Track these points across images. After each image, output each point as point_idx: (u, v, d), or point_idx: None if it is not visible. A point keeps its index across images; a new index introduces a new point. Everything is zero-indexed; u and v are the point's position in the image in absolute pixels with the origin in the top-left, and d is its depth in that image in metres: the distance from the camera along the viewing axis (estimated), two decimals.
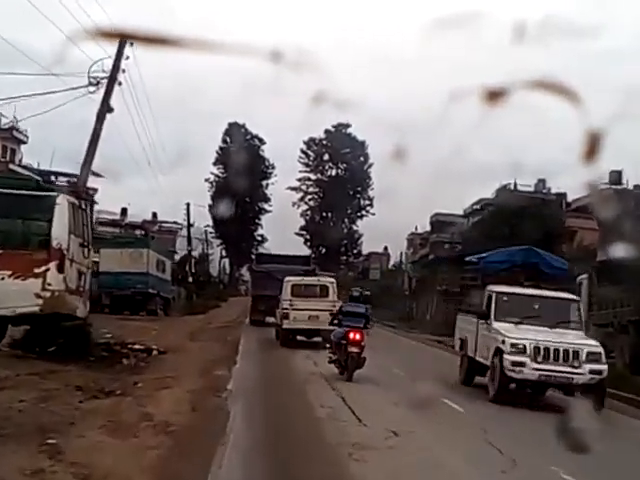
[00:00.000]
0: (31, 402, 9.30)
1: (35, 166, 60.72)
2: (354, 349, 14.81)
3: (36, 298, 13.47)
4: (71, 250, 13.87)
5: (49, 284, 13.50)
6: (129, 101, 20.67)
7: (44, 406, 9.20)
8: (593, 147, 3.30)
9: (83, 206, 14.81)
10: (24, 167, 50.07)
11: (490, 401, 13.03)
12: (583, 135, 3.26)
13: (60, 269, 13.58)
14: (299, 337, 22.51)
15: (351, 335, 15.01)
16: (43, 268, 13.51)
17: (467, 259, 18.94)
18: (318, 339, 20.89)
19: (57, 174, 74.98)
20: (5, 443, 7.10)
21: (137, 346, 18.51)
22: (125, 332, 24.19)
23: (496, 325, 14.15)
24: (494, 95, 3.42)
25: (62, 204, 13.83)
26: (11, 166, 47.72)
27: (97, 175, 33.53)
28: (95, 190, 74.39)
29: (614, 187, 61.23)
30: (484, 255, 17.30)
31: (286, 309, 22.54)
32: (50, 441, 7.36)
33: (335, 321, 15.98)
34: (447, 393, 12.22)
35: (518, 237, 37.51)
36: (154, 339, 22.15)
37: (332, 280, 25.12)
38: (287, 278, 23.95)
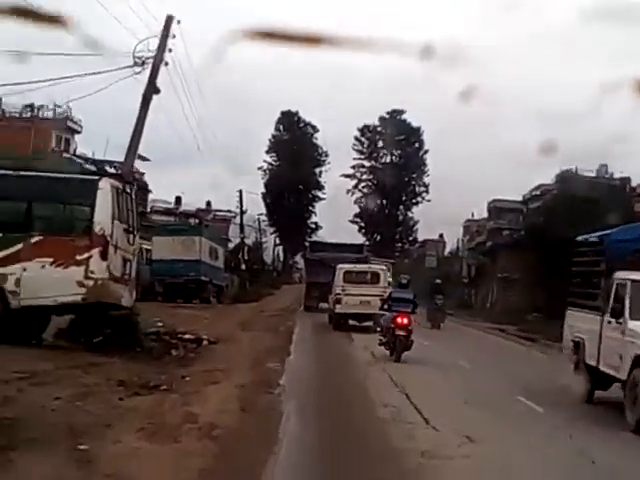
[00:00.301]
0: (67, 399, 8.52)
1: (90, 155, 61.01)
2: (402, 332, 15.75)
3: (79, 287, 12.76)
4: (115, 236, 13.10)
5: (92, 272, 12.77)
6: (178, 84, 19.82)
7: (80, 404, 8.40)
8: None
9: (128, 190, 14.01)
10: (78, 157, 50.13)
11: (630, 431, 9.42)
12: None
13: (103, 256, 12.83)
14: (351, 322, 23.31)
15: (399, 320, 15.90)
16: (86, 255, 12.79)
17: (580, 239, 14.18)
18: (369, 323, 21.75)
19: (111, 163, 75.45)
20: (31, 448, 6.27)
21: (187, 336, 17.77)
22: (177, 321, 23.55)
23: (633, 325, 10.66)
24: None
25: (105, 188, 13.06)
26: (65, 155, 47.72)
27: (143, 159, 33.06)
28: (142, 174, 74.66)
29: None
30: (608, 232, 13.01)
31: (339, 294, 23.85)
32: (81, 447, 6.53)
33: (385, 306, 16.92)
34: (522, 390, 11.06)
35: (585, 223, 36.02)
36: (205, 328, 21.43)
37: (383, 267, 26.51)
38: (339, 265, 25.12)
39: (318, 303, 30.31)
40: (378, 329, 17.28)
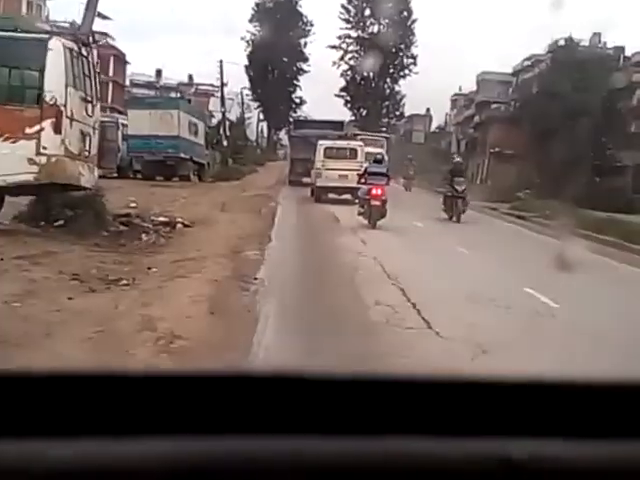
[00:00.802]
0: (3, 299, 7.18)
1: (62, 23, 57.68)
2: (376, 202, 17.74)
3: (29, 164, 11.19)
4: (70, 106, 11.41)
5: (44, 147, 11.17)
6: None
7: (18, 306, 7.07)
8: None
9: (85, 52, 12.16)
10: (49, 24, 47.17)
11: None
12: None
13: (57, 129, 11.20)
14: (331, 195, 25.06)
15: (374, 191, 17.82)
16: (36, 128, 11.16)
17: None
18: (347, 196, 23.20)
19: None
20: None
21: (161, 218, 16.38)
22: (152, 200, 22.19)
23: None
24: None
25: (56, 49, 11.25)
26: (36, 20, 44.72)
27: (104, 17, 30.63)
28: (104, 35, 71.12)
29: None
30: None
31: (319, 169, 25.96)
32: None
33: (362, 180, 18.71)
34: (529, 280, 9.79)
35: (581, 92, 34.47)
36: (182, 209, 20.05)
37: (360, 143, 28.58)
38: (320, 142, 26.77)
39: (302, 178, 31.35)
40: (357, 201, 19.00)
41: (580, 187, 34.66)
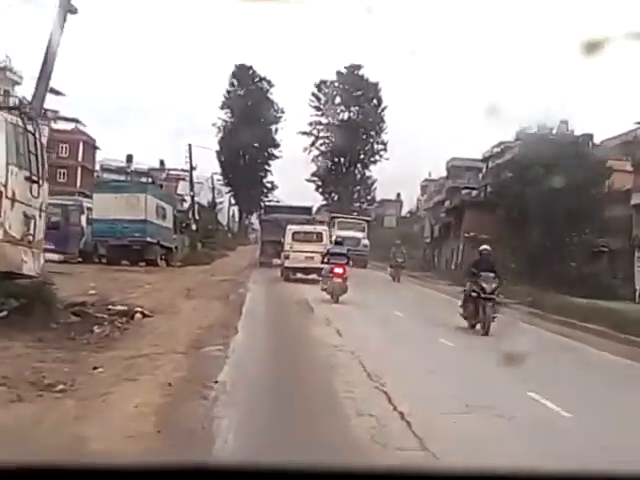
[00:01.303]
0: None
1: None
2: (338, 279, 19.73)
3: None
4: (11, 186, 10.27)
5: None
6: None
7: None
8: None
9: (31, 129, 11.08)
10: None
11: None
12: None
13: None
14: (298, 274, 26.88)
15: (336, 269, 19.78)
16: None
17: None
18: (314, 276, 24.13)
19: (56, 118, 71.26)
20: None
21: (119, 307, 15.05)
22: (114, 287, 20.89)
23: None
24: None
25: None
26: None
27: (57, 93, 29.80)
28: (75, 120, 70.51)
29: None
30: None
31: (287, 251, 28.06)
32: None
33: (325, 260, 20.85)
34: (537, 384, 8.57)
35: (555, 178, 34.08)
36: (145, 296, 18.76)
37: (325, 227, 31.80)
38: (289, 226, 28.93)
39: (272, 259, 32.96)
40: (321, 279, 21.01)
41: (556, 272, 33.95)
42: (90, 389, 7.32)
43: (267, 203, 60.10)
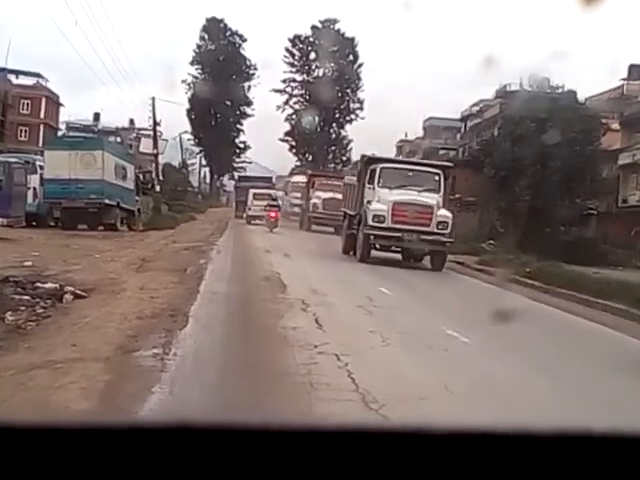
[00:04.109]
0: None
1: None
2: (271, 219, 35.09)
3: None
4: None
5: None
6: None
7: None
8: None
9: None
10: None
11: None
12: None
13: None
14: (257, 220, 39.21)
15: (270, 214, 35.36)
16: None
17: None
18: (263, 222, 37.00)
19: (16, 72, 67.68)
20: None
21: (48, 284, 12.38)
22: (59, 256, 18.21)
23: None
24: None
25: None
26: None
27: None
28: (36, 75, 67.07)
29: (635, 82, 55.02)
30: None
31: (249, 206, 42.95)
32: None
33: (266, 209, 36.41)
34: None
35: (545, 136, 31.67)
36: (90, 267, 16.11)
37: (275, 192, 43.95)
38: (250, 190, 43.69)
39: (242, 213, 45.40)
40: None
41: (546, 237, 31.75)
42: None
43: (240, 174, 72.35)
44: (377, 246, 20.97)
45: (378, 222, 20.23)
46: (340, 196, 30.84)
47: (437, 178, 21.58)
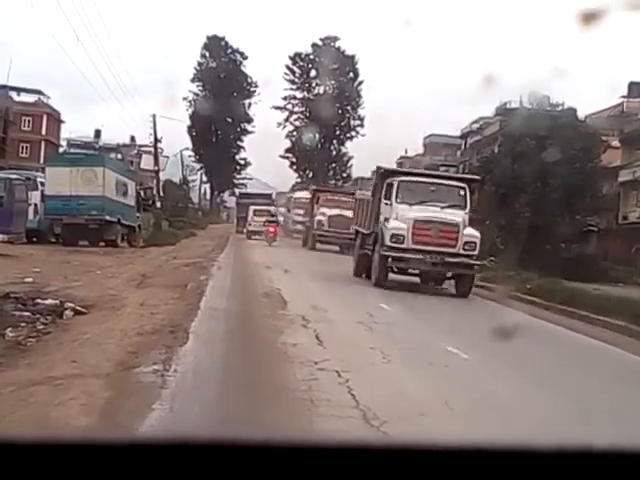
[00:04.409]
0: None
1: None
2: (270, 234, 37.54)
3: None
4: None
5: None
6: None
7: None
8: None
9: None
10: None
11: None
12: None
13: None
14: (256, 235, 41.34)
15: (269, 229, 38.20)
16: None
17: None
18: (262, 237, 39.14)
19: (18, 89, 67.96)
20: None
21: (49, 301, 12.40)
22: (60, 272, 18.24)
23: None
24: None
25: None
26: None
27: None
28: (37, 92, 67.31)
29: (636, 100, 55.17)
30: None
31: (249, 221, 45.02)
32: None
33: (265, 225, 39.23)
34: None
35: (546, 153, 31.73)
36: (91, 284, 16.12)
37: (273, 207, 48.11)
38: (251, 207, 45.87)
39: (243, 228, 47.43)
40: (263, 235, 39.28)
41: (547, 253, 31.72)
42: None
43: (241, 191, 74.46)
44: (394, 269, 19.13)
45: (397, 242, 18.34)
46: (347, 213, 29.68)
47: (462, 193, 19.72)
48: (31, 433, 1.13)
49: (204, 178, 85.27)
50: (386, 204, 19.56)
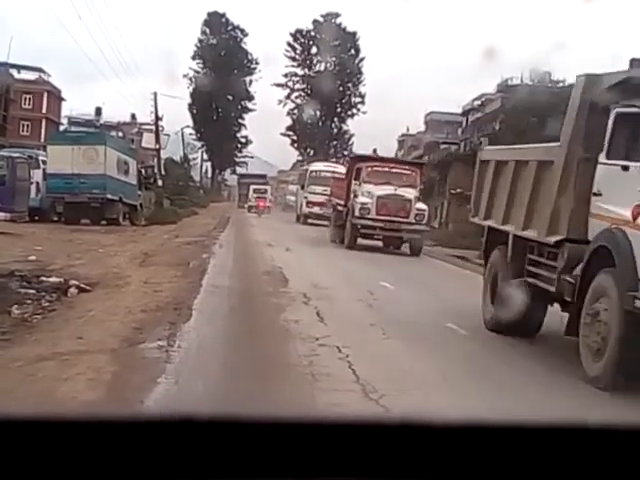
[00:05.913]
0: None
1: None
2: (260, 207, 48.75)
3: None
4: None
5: None
6: None
7: None
8: None
9: None
10: None
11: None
12: None
13: None
14: (254, 210, 49.18)
15: (259, 203, 50.22)
16: None
17: None
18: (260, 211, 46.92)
19: (18, 67, 67.73)
20: None
21: (53, 278, 12.55)
22: (63, 250, 18.38)
23: None
24: None
25: None
26: None
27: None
28: (38, 70, 67.04)
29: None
30: None
31: (249, 198, 53.96)
32: None
33: (257, 199, 51.72)
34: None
35: (551, 128, 31.59)
36: (94, 262, 16.25)
37: (268, 187, 59.81)
38: (251, 186, 55.86)
39: (244, 204, 55.29)
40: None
41: None
42: None
43: (241, 173, 77.62)
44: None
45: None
46: (404, 192, 23.34)
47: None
48: (34, 409, 1.13)
49: (205, 156, 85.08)
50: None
